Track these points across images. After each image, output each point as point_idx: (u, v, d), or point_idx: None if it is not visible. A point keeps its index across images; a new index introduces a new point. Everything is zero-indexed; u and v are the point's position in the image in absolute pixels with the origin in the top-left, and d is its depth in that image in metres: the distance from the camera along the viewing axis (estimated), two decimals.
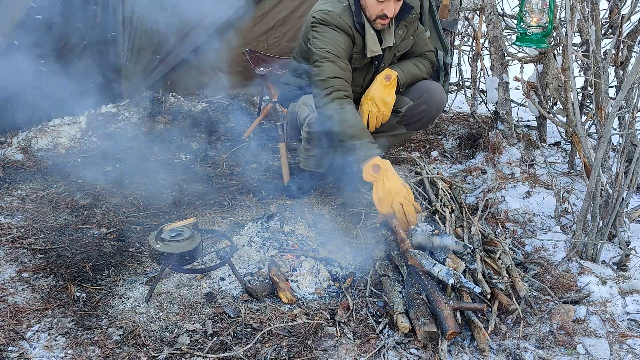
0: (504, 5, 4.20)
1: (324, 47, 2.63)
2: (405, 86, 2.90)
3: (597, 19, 2.74)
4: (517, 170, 3.31)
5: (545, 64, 3.31)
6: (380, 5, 2.58)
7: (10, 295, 2.22)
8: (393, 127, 3.00)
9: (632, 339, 2.10)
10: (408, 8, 2.74)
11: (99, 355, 1.95)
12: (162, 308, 2.22)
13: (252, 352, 2.00)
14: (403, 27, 2.80)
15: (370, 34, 2.69)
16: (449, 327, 2.02)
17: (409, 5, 2.73)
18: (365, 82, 2.88)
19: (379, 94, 2.77)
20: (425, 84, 2.95)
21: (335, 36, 2.64)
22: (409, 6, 2.73)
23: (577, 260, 2.47)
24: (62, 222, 2.79)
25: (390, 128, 3.00)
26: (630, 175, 2.41)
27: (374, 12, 2.61)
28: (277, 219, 2.74)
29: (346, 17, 2.66)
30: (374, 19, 2.65)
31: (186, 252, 2.18)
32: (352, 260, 2.61)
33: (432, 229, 2.48)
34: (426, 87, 2.93)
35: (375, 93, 2.78)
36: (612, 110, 2.28)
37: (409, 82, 2.90)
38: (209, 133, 3.90)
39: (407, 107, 2.93)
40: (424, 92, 2.91)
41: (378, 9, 2.59)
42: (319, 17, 2.66)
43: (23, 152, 3.43)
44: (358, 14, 2.66)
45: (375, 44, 2.71)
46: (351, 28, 2.67)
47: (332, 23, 2.64)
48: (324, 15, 2.65)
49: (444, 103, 3.03)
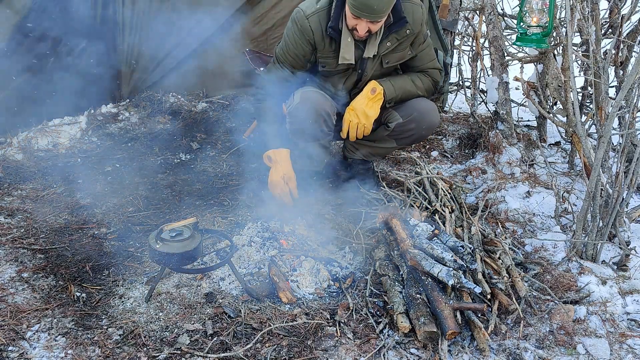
0: (504, 5, 4.19)
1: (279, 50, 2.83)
2: (395, 101, 2.86)
3: (597, 19, 2.74)
4: (517, 170, 3.31)
5: (545, 64, 3.31)
6: (354, 21, 2.55)
7: (10, 295, 2.22)
8: (384, 139, 3.00)
9: (632, 339, 2.10)
10: (402, 22, 2.67)
11: (99, 355, 1.95)
12: (162, 308, 2.22)
13: (252, 352, 2.01)
14: (393, 39, 2.73)
15: (345, 42, 2.67)
16: (449, 327, 2.02)
17: (404, 19, 2.66)
18: (347, 86, 2.87)
19: (362, 106, 2.77)
20: (418, 103, 2.89)
21: (292, 42, 2.74)
22: (403, 20, 2.66)
23: (577, 260, 2.47)
24: (62, 222, 2.79)
25: (381, 139, 3.01)
26: (630, 175, 2.41)
27: (349, 24, 2.60)
28: (277, 219, 2.74)
29: (315, 19, 2.66)
30: (350, 30, 2.64)
31: (186, 252, 2.18)
32: (352, 260, 2.61)
33: (432, 229, 2.48)
34: (418, 107, 2.88)
35: (357, 105, 2.78)
36: (612, 110, 2.28)
37: (399, 98, 2.85)
38: (209, 133, 3.90)
39: (396, 124, 2.91)
40: (415, 111, 2.87)
41: (352, 23, 2.58)
42: (292, 15, 2.74)
43: (23, 152, 3.43)
44: (335, 19, 2.64)
45: (348, 52, 2.69)
46: (313, 32, 2.67)
47: (297, 24, 2.70)
48: (296, 13, 2.72)
49: (436, 124, 2.96)
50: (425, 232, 2.46)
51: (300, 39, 2.71)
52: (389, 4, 2.49)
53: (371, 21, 2.51)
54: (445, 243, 2.42)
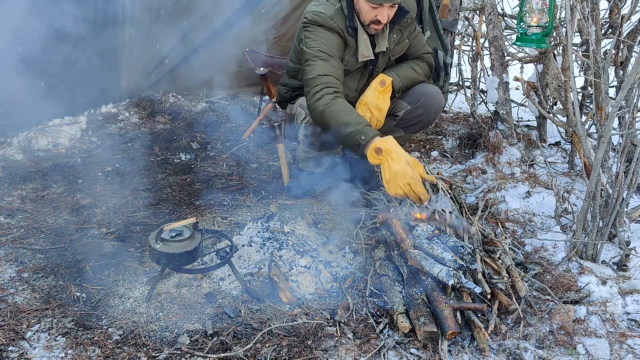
0: (504, 5, 4.19)
1: (316, 46, 2.60)
2: (402, 90, 2.88)
3: (597, 18, 2.74)
4: (517, 170, 3.31)
5: (545, 64, 3.31)
6: (374, 11, 2.55)
7: (10, 295, 2.22)
8: (391, 129, 2.99)
9: (632, 339, 2.10)
10: (403, 12, 2.71)
11: (99, 355, 1.95)
12: (162, 308, 2.22)
13: (252, 352, 2.00)
14: (397, 31, 2.77)
15: (362, 39, 2.68)
16: (449, 327, 2.02)
17: (404, 9, 2.71)
18: (359, 86, 2.86)
19: (373, 99, 2.76)
20: (423, 88, 2.92)
21: (328, 35, 2.63)
22: (403, 10, 2.71)
23: (577, 260, 2.47)
24: (62, 222, 2.79)
25: (388, 131, 2.99)
26: (630, 175, 2.41)
27: (368, 17, 2.60)
28: (277, 219, 2.74)
29: (337, 19, 2.65)
30: (368, 24, 2.63)
31: (186, 252, 2.18)
32: (352, 260, 2.61)
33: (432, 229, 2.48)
34: (424, 91, 2.91)
35: (369, 99, 2.77)
36: (612, 110, 2.28)
37: (405, 86, 2.87)
38: (209, 133, 3.90)
39: (404, 111, 2.92)
40: (422, 95, 2.89)
41: (372, 14, 2.57)
42: (310, 18, 2.66)
43: (23, 152, 3.43)
44: (351, 18, 2.64)
45: (367, 49, 2.69)
46: (342, 31, 2.66)
47: (323, 24, 2.64)
48: (315, 17, 2.64)
49: (442, 106, 3.00)
50: (425, 232, 2.46)
51: (332, 35, 2.64)
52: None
53: (392, 5, 2.55)
54: (445, 243, 2.42)
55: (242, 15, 4.12)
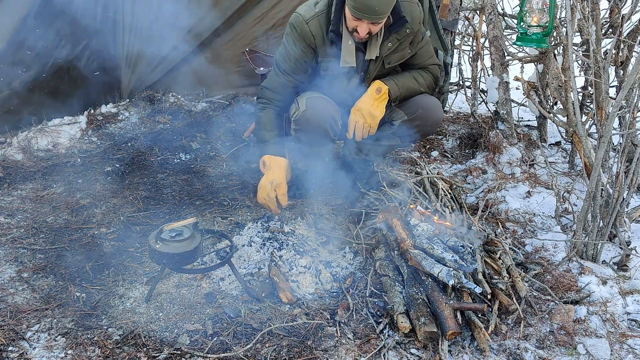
0: (504, 5, 4.19)
1: (279, 58, 2.79)
2: (400, 100, 2.85)
3: (598, 18, 2.74)
4: (518, 170, 3.31)
5: (546, 64, 3.31)
6: (355, 22, 2.53)
7: (10, 295, 2.22)
8: (388, 137, 2.99)
9: (632, 339, 2.10)
10: (402, 22, 2.66)
11: (99, 355, 1.95)
12: (162, 308, 2.22)
13: (252, 352, 2.00)
14: (394, 39, 2.72)
15: (346, 45, 2.66)
16: (450, 327, 2.02)
17: (403, 19, 2.66)
18: (349, 89, 2.85)
19: (367, 106, 2.75)
20: (422, 100, 2.88)
21: (292, 48, 2.71)
22: (403, 20, 2.66)
23: (578, 260, 2.47)
24: (62, 222, 2.79)
25: (385, 138, 3.00)
26: (630, 175, 2.41)
27: (350, 25, 2.59)
28: (277, 219, 2.74)
29: (314, 24, 2.65)
30: (350, 31, 2.63)
31: (186, 252, 2.18)
32: (352, 260, 2.61)
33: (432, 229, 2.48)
34: (422, 104, 2.87)
35: (363, 105, 2.76)
36: (613, 110, 2.27)
37: (403, 96, 2.84)
38: (209, 133, 3.90)
39: (401, 121, 2.91)
40: (420, 108, 2.86)
41: (353, 24, 2.56)
42: (290, 20, 2.71)
43: (23, 152, 3.43)
44: (336, 23, 2.63)
45: (349, 55, 2.68)
46: (315, 37, 2.66)
47: (297, 28, 2.67)
48: (294, 19, 2.69)
49: (440, 120, 2.97)
50: (425, 232, 2.46)
51: (301, 43, 2.69)
52: (390, 5, 2.48)
53: (372, 22, 2.51)
54: (445, 243, 2.42)
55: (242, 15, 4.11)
